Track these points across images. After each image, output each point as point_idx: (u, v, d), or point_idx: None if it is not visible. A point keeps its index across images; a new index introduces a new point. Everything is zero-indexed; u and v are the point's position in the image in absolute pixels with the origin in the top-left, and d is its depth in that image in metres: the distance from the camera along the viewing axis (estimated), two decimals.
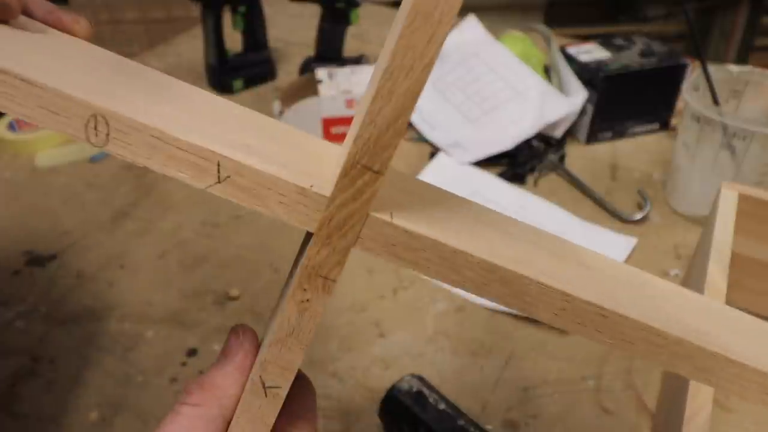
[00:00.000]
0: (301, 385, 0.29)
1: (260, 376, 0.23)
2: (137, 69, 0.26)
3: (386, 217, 0.20)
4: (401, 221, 0.21)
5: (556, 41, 0.92)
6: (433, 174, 0.78)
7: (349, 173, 0.19)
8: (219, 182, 0.20)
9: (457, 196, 0.26)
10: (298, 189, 0.20)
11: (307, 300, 0.21)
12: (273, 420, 0.24)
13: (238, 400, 0.25)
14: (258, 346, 0.26)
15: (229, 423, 0.25)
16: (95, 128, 0.20)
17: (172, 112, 0.22)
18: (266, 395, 0.23)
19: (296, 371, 0.24)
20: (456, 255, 0.21)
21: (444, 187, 0.26)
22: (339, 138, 0.86)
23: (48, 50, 0.25)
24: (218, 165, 0.20)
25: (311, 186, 0.20)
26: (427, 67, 0.18)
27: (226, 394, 0.25)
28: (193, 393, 0.25)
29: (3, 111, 0.20)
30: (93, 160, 0.83)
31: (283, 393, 0.23)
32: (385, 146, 0.19)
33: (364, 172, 0.19)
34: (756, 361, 0.22)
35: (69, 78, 0.21)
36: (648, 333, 0.22)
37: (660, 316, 0.23)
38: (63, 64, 0.23)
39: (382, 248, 0.21)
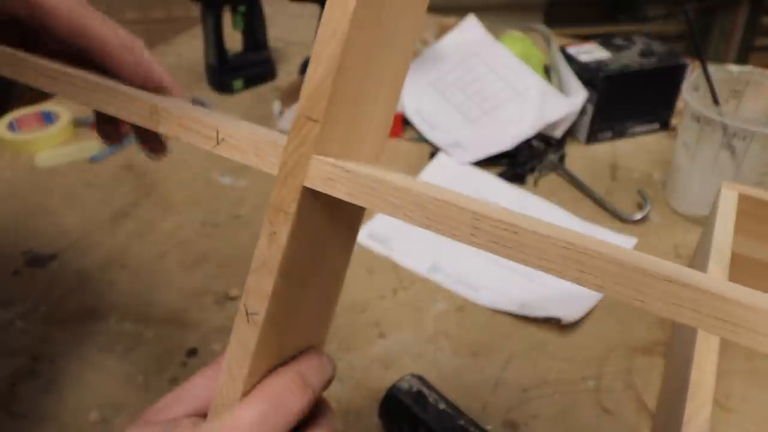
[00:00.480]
0: (319, 408, 0.30)
1: (244, 304, 0.27)
2: None
3: (326, 159, 0.25)
4: (338, 162, 0.25)
5: (556, 41, 0.92)
6: (433, 174, 0.78)
7: (297, 125, 0.25)
8: (218, 143, 0.28)
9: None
10: (269, 143, 0.27)
11: (274, 233, 0.26)
12: (253, 345, 0.26)
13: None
14: None
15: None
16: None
17: None
18: (248, 321, 0.27)
19: (269, 299, 0.26)
20: (378, 183, 0.25)
21: (444, 187, 0.27)
22: None
23: None
24: (217, 132, 0.28)
25: (276, 141, 0.26)
26: (342, 36, 0.24)
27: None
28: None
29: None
30: (93, 160, 0.83)
31: (260, 319, 0.26)
32: (319, 99, 0.24)
33: (307, 122, 0.25)
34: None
35: None
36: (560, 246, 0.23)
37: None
38: None
39: (324, 184, 0.25)
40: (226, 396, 0.27)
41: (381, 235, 0.68)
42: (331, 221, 0.28)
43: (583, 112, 0.85)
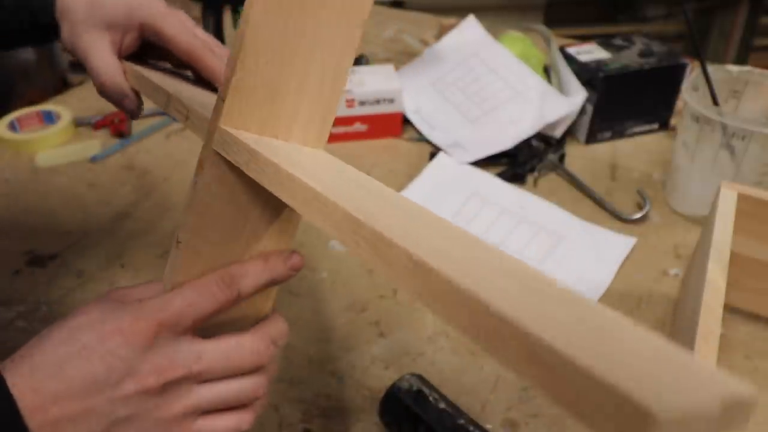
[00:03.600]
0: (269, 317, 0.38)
1: (176, 236, 0.34)
2: None
3: (230, 130, 0.32)
4: (237, 134, 0.32)
5: (556, 41, 0.92)
6: (433, 174, 0.78)
7: (216, 103, 0.33)
8: (187, 119, 0.37)
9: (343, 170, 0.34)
10: (206, 119, 0.34)
11: (196, 182, 0.33)
12: (179, 264, 0.34)
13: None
14: None
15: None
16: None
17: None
18: (176, 247, 0.34)
19: (189, 230, 0.34)
20: (252, 154, 0.31)
21: (444, 187, 0.28)
22: (339, 138, 0.86)
23: None
24: (187, 111, 0.37)
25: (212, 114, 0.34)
26: (241, 40, 0.31)
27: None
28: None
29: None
30: (93, 160, 0.83)
31: (182, 246, 0.34)
32: (226, 84, 0.32)
33: (219, 101, 0.32)
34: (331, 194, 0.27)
35: None
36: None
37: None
38: None
39: (224, 149, 0.32)
40: None
41: None
42: (245, 184, 0.34)
43: (582, 112, 0.85)
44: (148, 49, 0.48)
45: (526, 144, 0.82)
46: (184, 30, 0.45)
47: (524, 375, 0.19)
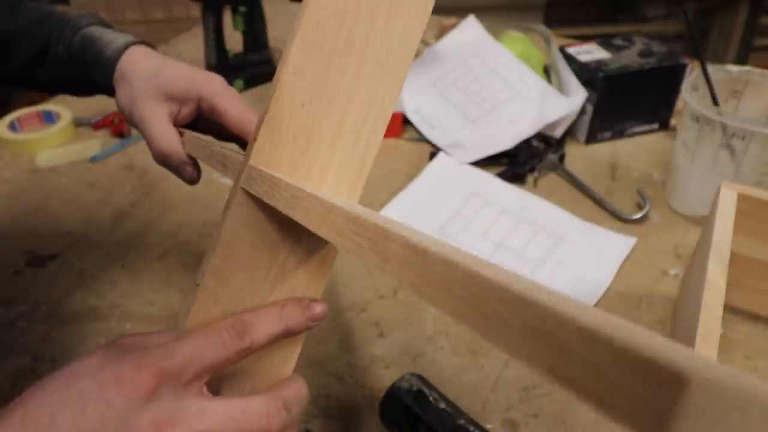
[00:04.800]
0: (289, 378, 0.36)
1: (197, 278, 0.33)
2: None
3: (255, 164, 0.31)
4: (263, 169, 0.31)
5: (556, 41, 0.92)
6: (433, 174, 0.78)
7: (249, 144, 0.32)
8: (224, 167, 0.36)
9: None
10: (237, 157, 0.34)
11: (223, 221, 0.32)
12: (195, 311, 0.33)
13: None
14: None
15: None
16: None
17: None
18: (195, 291, 0.33)
19: (209, 273, 0.32)
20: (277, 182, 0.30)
21: (444, 187, 0.28)
22: None
23: None
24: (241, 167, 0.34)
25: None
26: (277, 79, 0.31)
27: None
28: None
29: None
30: (93, 160, 0.83)
31: (201, 288, 0.32)
32: (259, 124, 0.31)
33: (252, 141, 0.31)
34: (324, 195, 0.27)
35: None
36: None
37: None
38: None
39: (251, 185, 0.31)
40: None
41: None
42: (275, 224, 0.32)
43: (582, 112, 0.85)
44: (198, 121, 0.51)
45: (526, 144, 0.82)
46: (238, 103, 0.47)
47: (529, 357, 0.17)
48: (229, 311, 0.33)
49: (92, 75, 0.51)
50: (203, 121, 0.50)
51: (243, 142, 0.48)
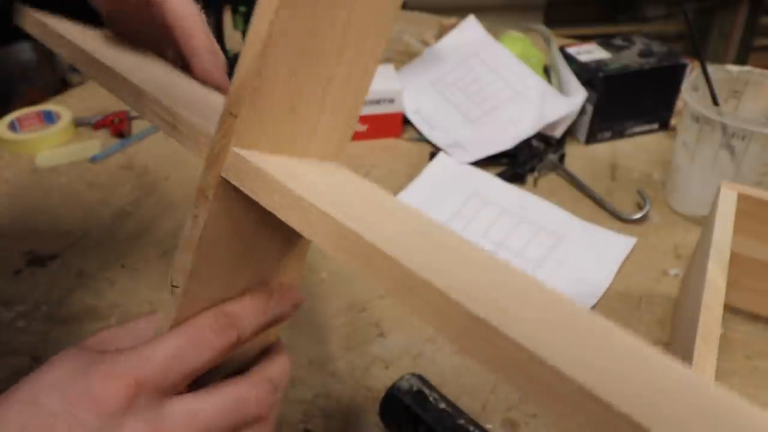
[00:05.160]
0: (271, 350, 0.33)
1: (170, 278, 0.29)
2: None
3: (243, 153, 0.26)
4: (252, 157, 0.26)
5: (556, 41, 0.92)
6: (433, 174, 0.78)
7: (223, 118, 0.27)
8: (173, 129, 0.30)
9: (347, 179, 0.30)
10: (204, 134, 0.29)
11: (196, 216, 0.28)
12: (173, 313, 0.29)
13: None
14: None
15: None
16: None
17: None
18: (172, 293, 0.29)
19: (188, 275, 0.28)
20: (283, 191, 0.26)
21: (444, 187, 0.27)
22: None
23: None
24: (173, 118, 0.30)
25: (209, 130, 0.28)
26: (262, 45, 0.25)
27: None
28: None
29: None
30: (93, 160, 0.83)
31: (179, 292, 0.29)
32: (240, 99, 0.26)
33: (229, 117, 0.26)
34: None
35: None
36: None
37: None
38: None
39: (237, 178, 0.27)
40: None
41: None
42: (256, 215, 0.29)
43: (582, 112, 0.85)
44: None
45: (526, 144, 0.82)
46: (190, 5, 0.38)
47: (543, 407, 0.18)
48: (210, 307, 0.30)
49: None
50: (147, 16, 0.40)
51: (174, 52, 0.40)
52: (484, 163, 0.80)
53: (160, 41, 0.41)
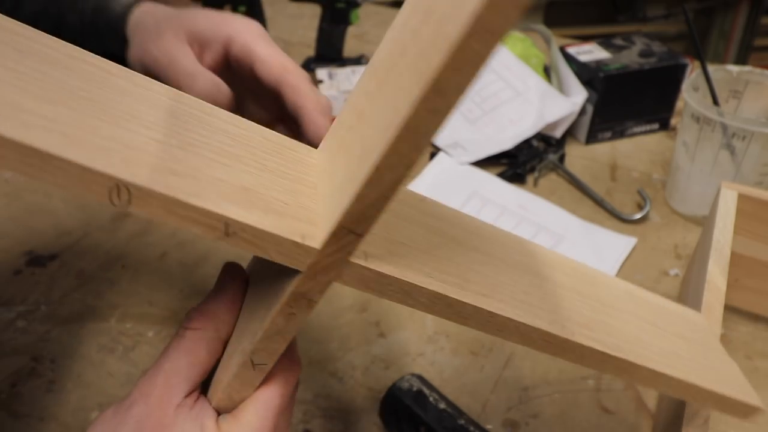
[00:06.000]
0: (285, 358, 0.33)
1: (251, 358, 0.27)
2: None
3: (362, 262, 0.25)
4: (374, 264, 0.25)
5: (556, 41, 0.92)
6: (433, 174, 0.78)
7: (337, 235, 0.23)
8: (227, 236, 0.23)
9: (448, 215, 0.32)
10: (293, 243, 0.24)
11: (293, 313, 0.26)
12: (257, 384, 0.29)
13: (232, 326, 0.30)
14: (245, 280, 0.31)
15: (225, 344, 0.30)
16: (118, 195, 0.23)
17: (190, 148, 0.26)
18: (254, 369, 0.28)
19: (278, 355, 0.28)
20: (412, 288, 0.26)
21: (444, 187, 0.28)
22: None
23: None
24: (225, 225, 0.23)
25: (303, 239, 0.24)
26: (408, 168, 0.22)
27: (222, 319, 0.30)
28: (194, 319, 0.29)
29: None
30: None
31: (269, 368, 0.28)
32: (368, 218, 0.23)
33: (349, 234, 0.24)
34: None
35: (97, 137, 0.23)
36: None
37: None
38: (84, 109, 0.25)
39: (357, 283, 0.25)
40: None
41: None
42: None
43: (582, 112, 0.85)
44: (224, 72, 0.41)
45: (526, 144, 0.82)
46: (276, 49, 0.38)
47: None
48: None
49: (106, 43, 0.44)
50: (229, 71, 0.41)
51: (276, 98, 0.39)
52: (484, 163, 0.80)
53: (246, 95, 0.42)
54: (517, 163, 0.80)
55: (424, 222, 0.31)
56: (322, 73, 0.86)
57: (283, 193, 0.26)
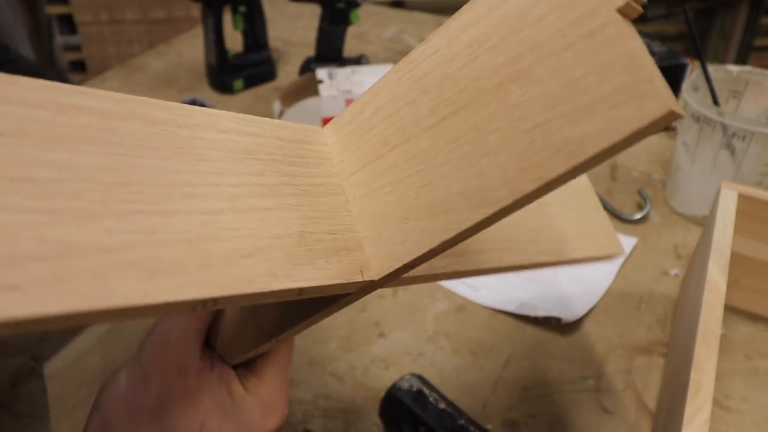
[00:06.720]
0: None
1: (276, 339, 0.29)
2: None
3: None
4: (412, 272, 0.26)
5: None
6: None
7: (398, 272, 0.24)
8: (299, 295, 0.23)
9: None
10: (353, 282, 0.24)
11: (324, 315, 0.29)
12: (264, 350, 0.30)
13: None
14: None
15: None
16: (203, 306, 0.20)
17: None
18: (277, 343, 0.29)
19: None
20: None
21: None
22: None
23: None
24: (299, 291, 0.22)
25: (363, 275, 0.24)
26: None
27: None
28: None
29: None
30: None
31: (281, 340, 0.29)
32: (428, 259, 0.24)
33: (406, 268, 0.24)
34: None
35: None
36: None
37: None
38: None
39: (393, 284, 0.26)
40: None
41: None
42: None
43: None
44: None
45: None
46: None
47: None
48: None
49: None
50: None
51: None
52: None
53: None
54: None
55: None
56: (322, 73, 0.86)
57: (326, 220, 0.25)
